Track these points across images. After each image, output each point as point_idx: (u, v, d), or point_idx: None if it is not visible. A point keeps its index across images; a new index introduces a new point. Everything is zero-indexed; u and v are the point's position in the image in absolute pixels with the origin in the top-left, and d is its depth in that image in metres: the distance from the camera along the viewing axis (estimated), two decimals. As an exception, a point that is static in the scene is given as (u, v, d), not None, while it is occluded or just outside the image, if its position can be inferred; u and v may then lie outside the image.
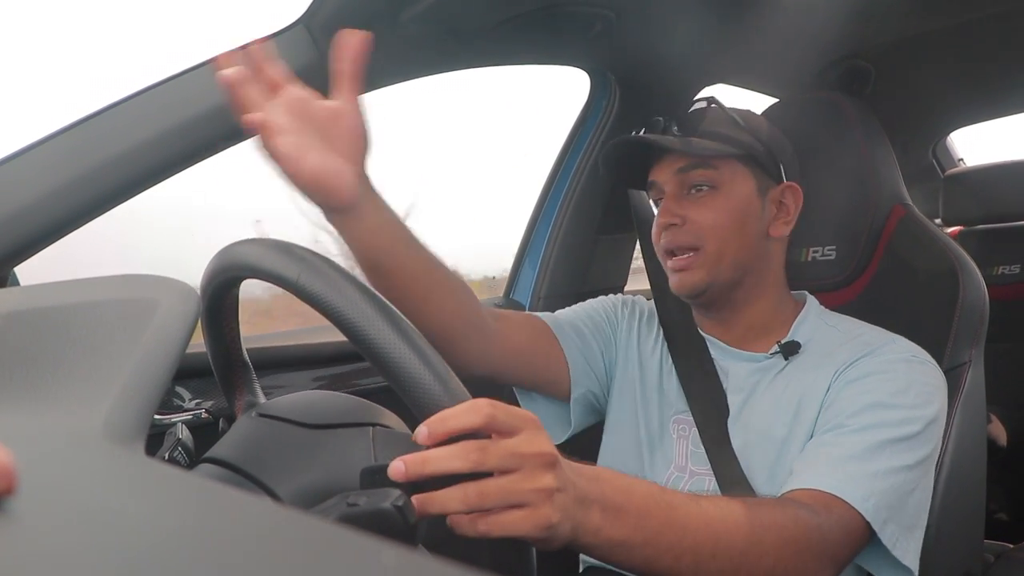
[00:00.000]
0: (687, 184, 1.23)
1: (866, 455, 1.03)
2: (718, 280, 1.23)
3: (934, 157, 2.81)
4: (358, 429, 0.85)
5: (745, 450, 1.18)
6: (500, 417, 0.68)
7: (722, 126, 1.25)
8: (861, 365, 1.14)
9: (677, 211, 1.22)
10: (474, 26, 1.38)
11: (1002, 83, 2.20)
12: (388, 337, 0.69)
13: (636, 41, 1.63)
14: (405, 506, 0.64)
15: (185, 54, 1.17)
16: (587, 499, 0.76)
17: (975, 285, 1.34)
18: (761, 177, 1.25)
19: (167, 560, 0.29)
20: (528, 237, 1.96)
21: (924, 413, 1.08)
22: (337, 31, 0.97)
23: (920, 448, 1.06)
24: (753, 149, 1.24)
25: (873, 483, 1.01)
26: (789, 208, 1.27)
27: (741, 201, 1.22)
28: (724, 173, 1.22)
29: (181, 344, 0.56)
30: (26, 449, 0.35)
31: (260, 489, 0.78)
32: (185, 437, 0.93)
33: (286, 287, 0.74)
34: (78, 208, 1.05)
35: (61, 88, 1.65)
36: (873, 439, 1.04)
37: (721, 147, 1.21)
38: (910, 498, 1.05)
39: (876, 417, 1.07)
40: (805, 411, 1.15)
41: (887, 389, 1.09)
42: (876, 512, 0.99)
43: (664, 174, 1.25)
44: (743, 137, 1.24)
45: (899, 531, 1.02)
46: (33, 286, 0.93)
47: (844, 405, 1.10)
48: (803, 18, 1.61)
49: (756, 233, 1.24)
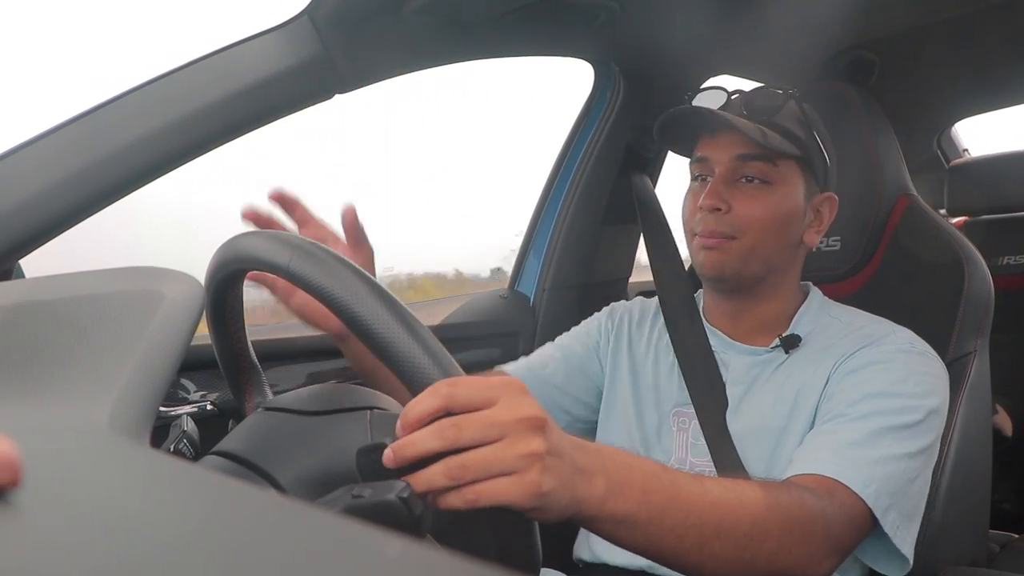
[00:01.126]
0: (740, 172, 1.19)
1: (867, 441, 1.03)
2: (745, 271, 1.20)
3: (939, 147, 2.80)
4: (354, 413, 0.85)
5: (743, 442, 1.18)
6: (461, 394, 0.66)
7: (792, 123, 1.21)
8: (860, 355, 1.14)
9: (725, 196, 1.18)
10: (477, 17, 1.38)
11: (1007, 73, 2.19)
12: (379, 316, 0.69)
13: (640, 32, 1.63)
14: (410, 498, 0.64)
15: (189, 46, 1.17)
16: (588, 470, 0.73)
17: (980, 275, 1.34)
18: (810, 182, 1.22)
19: (172, 552, 0.29)
20: (533, 228, 1.96)
21: (924, 403, 1.08)
22: (341, 22, 0.98)
23: (921, 437, 1.06)
24: (814, 154, 1.21)
25: (874, 469, 1.00)
26: (824, 218, 1.25)
27: (789, 203, 1.19)
28: (781, 171, 1.19)
29: (186, 336, 0.56)
30: (31, 441, 0.35)
31: (263, 479, 0.78)
32: (190, 429, 0.93)
33: (279, 274, 0.74)
34: (82, 201, 1.05)
35: (65, 81, 1.65)
36: (874, 425, 1.04)
37: (790, 147, 1.18)
38: (911, 486, 1.04)
39: (875, 405, 1.06)
40: (803, 403, 1.15)
41: (886, 379, 1.09)
42: (877, 498, 0.99)
43: (721, 153, 1.20)
44: (809, 140, 1.21)
45: (900, 519, 1.02)
46: (38, 278, 0.93)
47: (843, 396, 1.10)
48: (808, 8, 1.60)
49: (793, 238, 1.22)
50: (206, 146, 1.16)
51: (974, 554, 1.36)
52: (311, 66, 1.20)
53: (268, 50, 1.18)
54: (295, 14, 1.21)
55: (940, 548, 1.23)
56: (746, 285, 1.24)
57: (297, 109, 1.23)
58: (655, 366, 1.34)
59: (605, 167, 1.87)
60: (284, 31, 1.20)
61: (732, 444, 1.19)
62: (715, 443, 1.20)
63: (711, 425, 1.21)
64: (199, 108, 1.12)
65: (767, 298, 1.26)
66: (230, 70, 1.16)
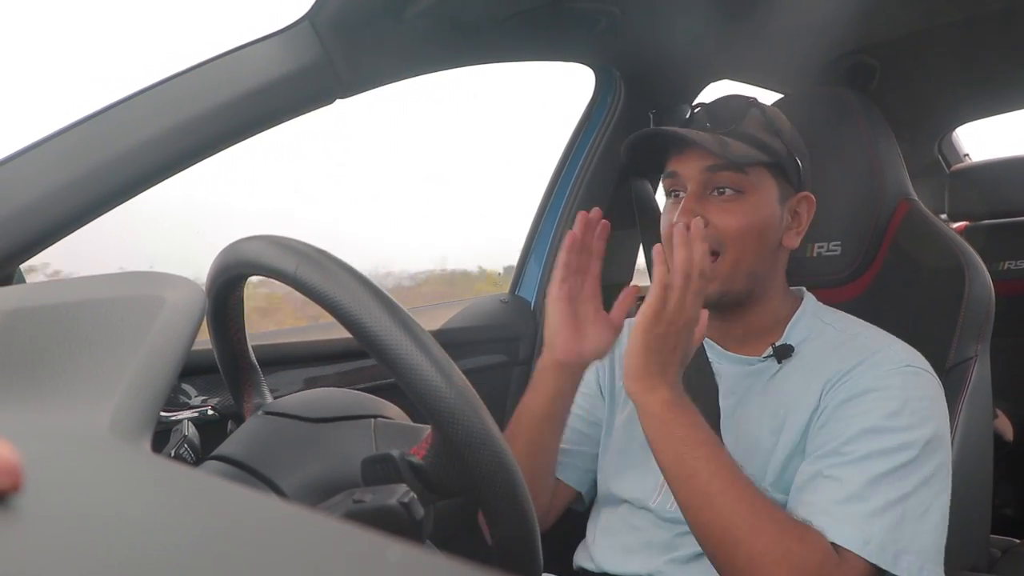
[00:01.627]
0: (711, 184, 1.19)
1: (863, 492, 1.03)
2: (732, 290, 1.20)
3: (940, 152, 2.80)
4: (359, 421, 0.85)
5: (734, 454, 1.18)
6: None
7: (757, 130, 1.21)
8: (855, 379, 1.12)
9: (698, 211, 1.17)
10: (479, 22, 1.38)
11: (1007, 78, 2.19)
12: (386, 327, 0.69)
13: (641, 37, 1.63)
14: (411, 503, 0.64)
15: (190, 51, 1.17)
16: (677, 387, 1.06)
17: (981, 280, 1.34)
18: (784, 185, 1.22)
19: (173, 557, 0.29)
20: (534, 233, 1.96)
21: (920, 435, 1.07)
22: (343, 27, 0.98)
23: (920, 469, 1.05)
24: (783, 158, 1.21)
25: (871, 524, 1.01)
26: (802, 218, 1.25)
27: (764, 210, 1.19)
28: (752, 179, 1.18)
29: (187, 341, 0.56)
30: (32, 446, 0.35)
31: (264, 484, 0.78)
32: (191, 434, 0.93)
33: (285, 281, 0.74)
34: (84, 205, 1.05)
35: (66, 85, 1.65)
36: (869, 472, 1.04)
37: (756, 154, 1.18)
38: (922, 523, 1.04)
39: (871, 445, 1.06)
40: (792, 421, 1.15)
41: (882, 411, 1.08)
42: (881, 551, 1.00)
43: (690, 168, 1.20)
44: (776, 144, 1.20)
45: (919, 559, 1.02)
46: (38, 283, 0.93)
47: (839, 429, 1.09)
48: (808, 14, 1.61)
49: (772, 243, 1.21)
50: (208, 150, 1.16)
51: (975, 559, 1.36)
52: (312, 71, 1.21)
53: (270, 55, 1.19)
54: (296, 19, 1.21)
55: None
56: (735, 300, 1.23)
57: (298, 114, 1.23)
58: None
59: (606, 172, 1.87)
60: (285, 36, 1.20)
61: None
62: None
63: None
64: (201, 112, 1.13)
65: (756, 305, 1.25)
66: (232, 75, 1.16)
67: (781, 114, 1.27)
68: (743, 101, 1.23)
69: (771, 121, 1.23)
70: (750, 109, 1.22)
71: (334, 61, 1.22)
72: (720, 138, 1.17)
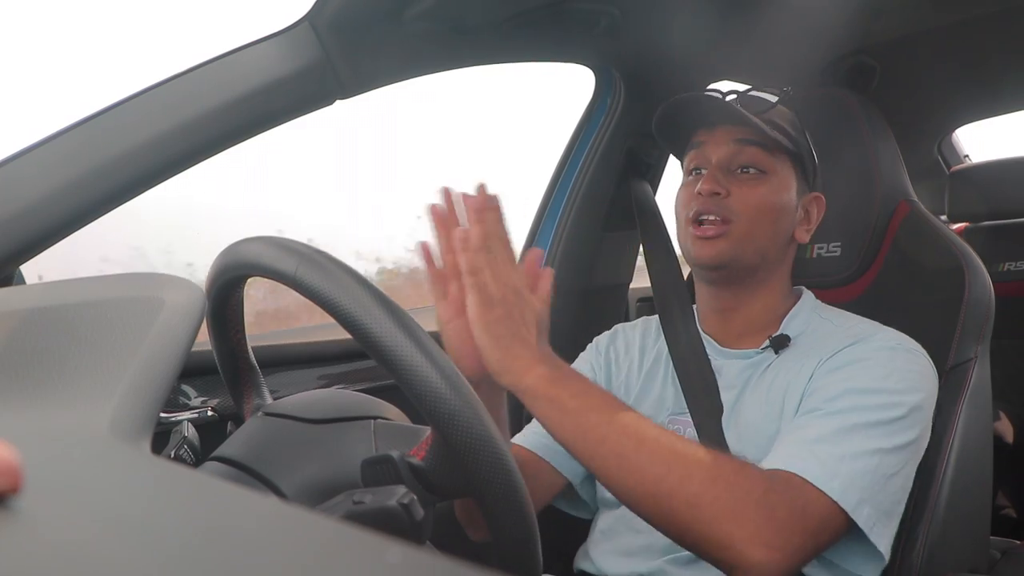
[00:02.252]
0: (737, 161, 1.22)
1: (835, 437, 1.02)
2: (741, 259, 1.22)
3: (939, 153, 2.80)
4: (359, 422, 0.85)
5: (739, 447, 1.18)
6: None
7: (784, 121, 1.26)
8: (845, 353, 1.14)
9: (724, 183, 1.21)
10: (479, 24, 1.38)
11: (1007, 79, 2.19)
12: (386, 327, 0.69)
13: (641, 38, 1.63)
14: (411, 504, 0.64)
15: (191, 51, 1.17)
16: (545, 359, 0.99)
17: (981, 281, 1.34)
18: (801, 180, 1.26)
19: (173, 558, 0.29)
20: (533, 234, 1.96)
21: (907, 399, 1.07)
22: (343, 28, 0.98)
23: (903, 433, 1.06)
24: (805, 153, 1.26)
25: (839, 464, 1.00)
26: (812, 217, 1.29)
27: (783, 195, 1.23)
28: (777, 162, 1.23)
29: (187, 342, 0.56)
30: (32, 447, 0.35)
31: (264, 485, 0.78)
32: (191, 435, 0.93)
33: (285, 282, 0.74)
34: (83, 207, 1.05)
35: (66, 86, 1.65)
36: (846, 422, 1.04)
37: (783, 139, 1.22)
38: (889, 482, 1.03)
39: (853, 401, 1.06)
40: (789, 403, 1.16)
41: (868, 376, 1.09)
42: (844, 493, 0.98)
43: (718, 139, 1.24)
44: (799, 138, 1.26)
45: (876, 515, 1.01)
46: (38, 284, 0.93)
47: (823, 391, 1.10)
48: (808, 14, 1.61)
49: (786, 231, 1.25)
50: (207, 152, 1.16)
51: (975, 561, 1.36)
52: (312, 72, 1.21)
53: (269, 56, 1.19)
54: (296, 20, 1.21)
55: (941, 555, 1.22)
56: (739, 276, 1.25)
57: (298, 115, 1.23)
58: (650, 378, 1.35)
59: (606, 173, 1.87)
60: (285, 37, 1.20)
61: (728, 450, 1.19)
62: None
63: (707, 431, 1.21)
64: (200, 114, 1.13)
65: (758, 294, 1.27)
66: (231, 76, 1.16)
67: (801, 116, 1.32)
68: (774, 95, 1.29)
69: (796, 119, 1.28)
70: (779, 103, 1.27)
71: (334, 62, 1.22)
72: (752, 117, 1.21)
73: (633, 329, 1.45)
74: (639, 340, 1.42)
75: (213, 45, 1.17)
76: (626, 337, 1.44)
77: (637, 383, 1.35)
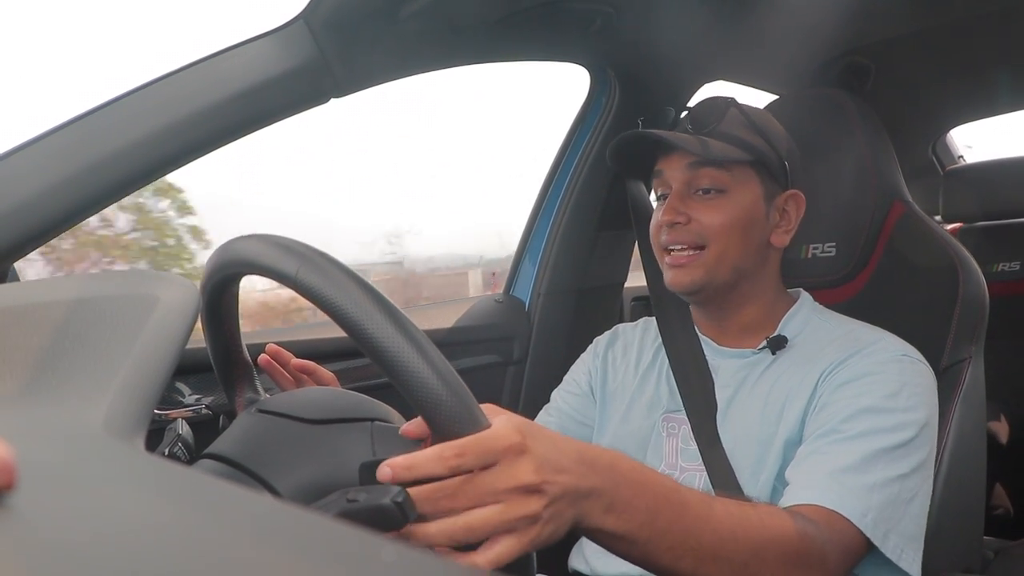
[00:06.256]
0: (695, 184, 1.22)
1: (862, 466, 1.03)
2: (715, 281, 1.22)
3: (934, 154, 2.81)
4: (357, 424, 0.85)
5: (732, 447, 1.19)
6: (467, 463, 0.69)
7: (738, 129, 1.23)
8: (852, 365, 1.14)
9: (682, 209, 1.21)
10: (473, 22, 1.38)
11: (1002, 80, 2.20)
12: (386, 332, 0.68)
13: (636, 37, 1.63)
14: (405, 502, 0.64)
15: (187, 48, 1.17)
16: (595, 492, 0.75)
17: (975, 282, 1.34)
18: (769, 184, 1.24)
19: (166, 555, 0.29)
20: (528, 233, 1.96)
21: (917, 417, 1.08)
22: (337, 27, 0.98)
23: (915, 453, 1.06)
24: (765, 156, 1.23)
25: (870, 497, 1.00)
26: (791, 216, 1.27)
27: (748, 207, 1.21)
28: (735, 177, 1.21)
29: (181, 340, 0.56)
30: (26, 444, 0.35)
31: (259, 485, 0.78)
32: (185, 433, 0.93)
33: (285, 283, 0.74)
34: (77, 204, 1.05)
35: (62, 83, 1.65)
36: (868, 448, 1.04)
37: (736, 152, 1.20)
38: (910, 507, 1.04)
39: (869, 423, 1.06)
40: (790, 411, 1.15)
41: (880, 392, 1.09)
42: (875, 526, 1.00)
43: (673, 166, 1.23)
44: (757, 142, 1.23)
45: (902, 542, 1.02)
46: (33, 281, 0.93)
47: (836, 409, 1.10)
48: (803, 14, 1.61)
49: (758, 240, 1.24)
50: (202, 149, 1.16)
51: (968, 561, 1.36)
52: (307, 70, 1.21)
53: (264, 54, 1.18)
54: (291, 18, 1.21)
55: (934, 555, 1.22)
56: (720, 293, 1.25)
57: (293, 113, 1.23)
58: (646, 376, 1.35)
59: (600, 172, 1.87)
60: (280, 35, 1.20)
61: (722, 448, 1.19)
62: (706, 447, 1.21)
63: (701, 429, 1.22)
64: (195, 111, 1.12)
65: (746, 302, 1.27)
66: (226, 74, 1.16)
67: (767, 114, 1.30)
68: (722, 102, 1.26)
69: (752, 120, 1.25)
70: (729, 109, 1.25)
71: (329, 60, 1.22)
72: (700, 138, 1.21)
73: (634, 330, 1.46)
74: (639, 340, 1.42)
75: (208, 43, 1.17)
76: (626, 338, 1.45)
77: (634, 381, 1.36)
